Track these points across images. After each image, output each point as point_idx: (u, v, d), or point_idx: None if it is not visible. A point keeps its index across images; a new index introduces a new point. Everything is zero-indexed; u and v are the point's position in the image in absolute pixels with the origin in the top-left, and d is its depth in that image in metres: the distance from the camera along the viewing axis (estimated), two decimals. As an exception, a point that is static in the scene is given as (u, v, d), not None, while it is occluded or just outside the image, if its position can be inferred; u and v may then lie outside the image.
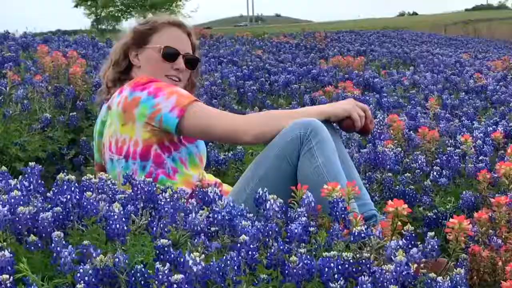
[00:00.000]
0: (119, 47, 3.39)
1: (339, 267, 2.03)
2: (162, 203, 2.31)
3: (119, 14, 39.81)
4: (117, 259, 1.91)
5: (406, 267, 2.02)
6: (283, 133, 3.10)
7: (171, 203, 2.32)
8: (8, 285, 1.79)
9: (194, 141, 3.29)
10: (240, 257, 2.00)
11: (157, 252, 2.01)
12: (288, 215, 2.41)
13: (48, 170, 4.38)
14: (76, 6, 41.26)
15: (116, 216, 2.10)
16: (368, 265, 2.09)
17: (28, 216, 2.17)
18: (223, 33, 17.44)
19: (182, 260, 1.93)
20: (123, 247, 2.11)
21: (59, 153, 4.61)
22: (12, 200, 2.25)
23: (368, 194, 3.24)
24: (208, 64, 8.34)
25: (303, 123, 3.08)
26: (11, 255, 1.92)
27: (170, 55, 3.32)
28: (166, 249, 2.00)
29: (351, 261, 2.06)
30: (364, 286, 1.93)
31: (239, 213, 2.30)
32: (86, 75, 5.87)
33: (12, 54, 6.58)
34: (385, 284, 1.98)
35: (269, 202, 2.34)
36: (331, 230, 2.26)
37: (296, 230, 2.19)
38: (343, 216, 2.39)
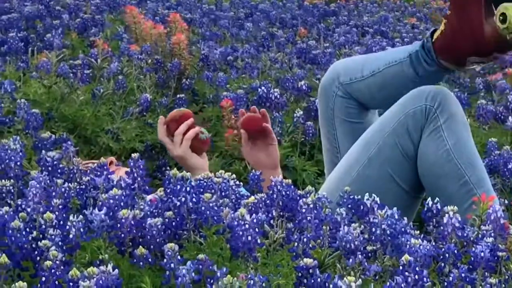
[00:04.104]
0: None
1: (541, 305, 1.98)
2: (304, 211, 2.30)
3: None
4: (251, 281, 1.92)
5: None
6: (402, 104, 3.12)
7: (315, 211, 2.31)
8: (115, 309, 1.82)
9: None
10: (405, 284, 1.97)
11: (299, 274, 2.02)
12: (466, 234, 2.36)
13: (146, 166, 4.44)
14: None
15: (247, 225, 2.11)
16: None
17: (133, 222, 2.21)
18: (362, -4, 17.31)
19: (331, 286, 1.93)
20: (253, 266, 2.12)
21: (160, 145, 4.66)
22: (112, 201, 2.29)
23: None
24: (349, 34, 8.30)
25: (429, 92, 3.10)
26: (116, 271, 1.95)
27: None
28: (311, 271, 2.00)
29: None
30: None
31: (403, 229, 2.28)
32: (193, 45, 5.93)
33: (98, 16, 6.72)
34: None
35: (446, 215, 2.31)
36: (530, 256, 2.21)
37: (482, 254, 2.15)
38: (543, 238, 2.33)
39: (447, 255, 2.18)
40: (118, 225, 2.20)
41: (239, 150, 3.95)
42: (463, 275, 2.07)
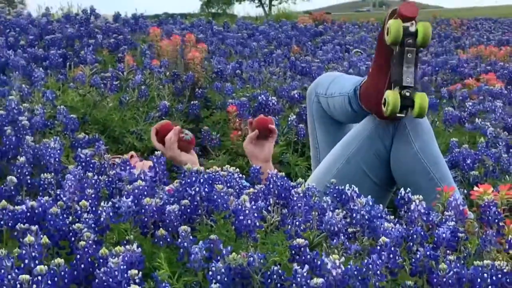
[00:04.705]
0: None
1: (493, 277, 1.98)
2: (295, 198, 2.31)
3: (233, -3, 39.98)
4: (251, 258, 1.92)
5: None
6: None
7: (304, 199, 2.32)
8: (137, 280, 1.83)
9: None
10: (380, 261, 1.97)
11: (293, 252, 2.02)
12: (431, 218, 2.36)
13: (165, 161, 4.44)
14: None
15: (247, 211, 2.12)
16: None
17: (154, 208, 2.21)
18: (345, 19, 17.29)
19: (319, 262, 1.93)
20: (253, 245, 2.12)
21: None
22: (136, 191, 2.30)
23: None
24: (334, 51, 8.30)
25: None
26: (140, 249, 1.96)
27: None
28: (302, 249, 2.00)
29: (506, 271, 2.00)
30: (524, 300, 1.88)
31: (379, 214, 2.28)
32: (205, 61, 5.93)
33: (127, 37, 6.74)
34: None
35: (413, 203, 2.31)
36: (484, 236, 2.21)
37: (444, 235, 2.15)
38: (496, 221, 2.33)
39: (415, 236, 2.19)
40: (142, 210, 2.21)
41: (242, 148, 3.96)
42: (428, 253, 2.08)
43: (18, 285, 1.74)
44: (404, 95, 2.90)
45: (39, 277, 1.77)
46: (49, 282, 1.79)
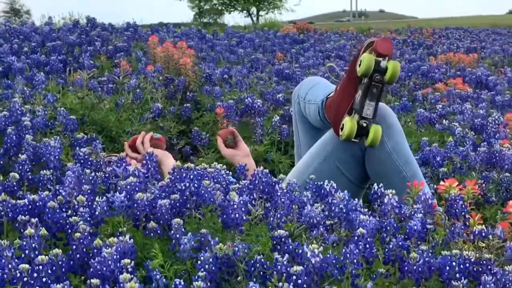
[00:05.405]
0: None
1: (461, 266, 1.99)
2: (279, 193, 2.31)
3: (222, 8, 40.02)
4: (236, 248, 1.93)
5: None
6: None
7: (287, 194, 2.32)
8: (129, 269, 1.82)
9: None
10: (357, 251, 1.98)
11: (274, 242, 2.02)
12: (402, 211, 2.37)
13: (157, 159, 4.44)
14: (180, -1, 41.80)
15: (235, 205, 2.12)
16: (489, 266, 2.03)
17: (146, 203, 2.21)
18: (327, 28, 17.32)
19: (300, 251, 1.94)
20: (239, 237, 2.12)
21: (169, 143, 4.67)
22: (129, 187, 2.30)
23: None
24: (315, 58, 8.31)
25: None
26: (132, 240, 1.96)
27: None
28: (283, 240, 2.01)
29: (472, 260, 2.01)
30: (488, 286, 1.88)
31: (354, 207, 2.29)
32: (195, 66, 5.93)
33: (124, 44, 6.74)
34: (508, 285, 1.93)
35: (386, 197, 2.32)
36: (452, 228, 2.22)
37: (415, 227, 2.16)
38: (462, 214, 2.34)
39: (388, 228, 2.19)
40: (135, 205, 2.20)
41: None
42: (400, 243, 2.08)
43: (18, 274, 1.74)
44: (361, 125, 2.92)
45: (40, 267, 1.77)
46: (49, 271, 1.79)
